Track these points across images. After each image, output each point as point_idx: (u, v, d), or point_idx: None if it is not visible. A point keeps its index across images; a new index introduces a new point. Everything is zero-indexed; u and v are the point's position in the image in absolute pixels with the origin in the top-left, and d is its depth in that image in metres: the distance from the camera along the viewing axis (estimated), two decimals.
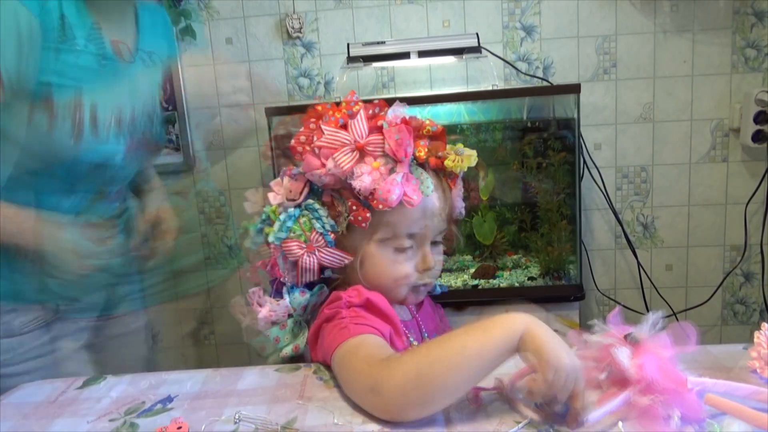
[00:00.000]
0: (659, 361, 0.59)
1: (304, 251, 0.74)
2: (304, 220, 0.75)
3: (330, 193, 0.76)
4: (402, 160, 0.71)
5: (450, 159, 0.76)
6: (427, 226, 0.75)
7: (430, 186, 0.73)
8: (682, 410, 0.57)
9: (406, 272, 0.76)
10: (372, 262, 0.76)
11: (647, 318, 0.62)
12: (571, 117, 1.57)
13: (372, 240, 0.75)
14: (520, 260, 1.69)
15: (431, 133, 0.76)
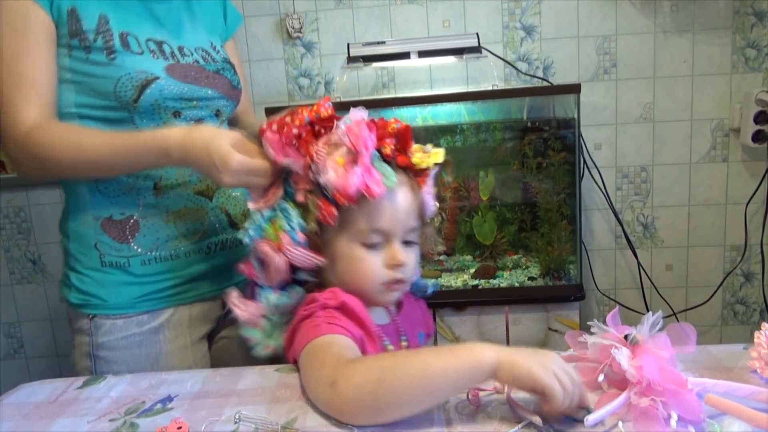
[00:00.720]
0: (658, 362, 0.59)
1: (273, 250, 0.75)
2: (275, 221, 0.76)
3: (302, 193, 0.76)
4: (361, 152, 0.71)
5: (417, 156, 0.77)
6: (395, 221, 0.75)
7: (393, 179, 0.73)
8: (681, 411, 0.57)
9: (374, 268, 0.76)
10: (341, 260, 0.77)
11: (646, 318, 0.62)
12: (571, 117, 1.57)
13: (340, 237, 0.76)
14: (520, 260, 1.69)
15: (396, 130, 0.76)
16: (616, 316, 0.65)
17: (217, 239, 0.99)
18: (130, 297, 0.93)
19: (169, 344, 0.95)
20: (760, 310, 1.79)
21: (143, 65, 0.89)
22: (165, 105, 0.91)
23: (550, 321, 1.53)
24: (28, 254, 1.90)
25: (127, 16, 0.90)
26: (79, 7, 0.86)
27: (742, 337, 1.71)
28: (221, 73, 1.01)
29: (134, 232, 0.93)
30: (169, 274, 0.95)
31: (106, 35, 0.87)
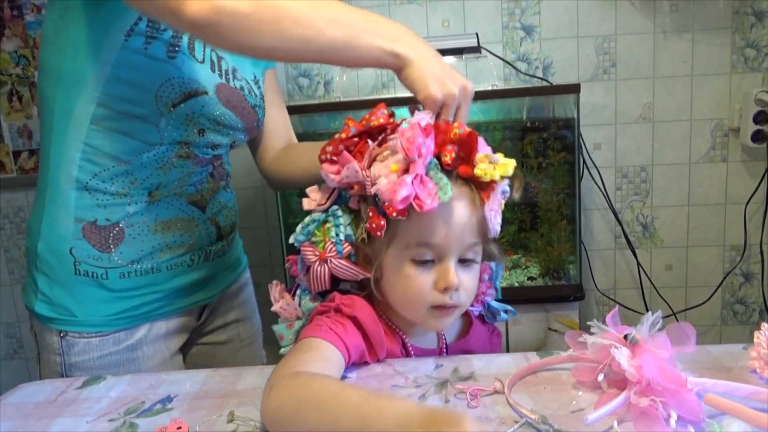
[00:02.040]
0: (658, 362, 0.59)
1: (317, 259, 0.71)
2: (327, 227, 0.71)
3: (356, 199, 0.71)
4: (414, 159, 0.65)
5: (480, 167, 0.68)
6: (449, 237, 0.67)
7: (448, 192, 0.65)
8: (681, 411, 0.56)
9: (423, 287, 0.68)
10: (389, 274, 0.71)
11: (646, 318, 0.61)
12: (570, 117, 1.57)
13: (390, 251, 0.70)
14: (520, 260, 1.69)
15: (458, 136, 0.67)
16: (615, 316, 0.65)
17: (201, 252, 0.94)
18: (105, 314, 0.87)
19: (148, 361, 0.90)
20: (759, 310, 1.80)
21: (199, 75, 0.84)
22: (197, 120, 0.85)
23: (549, 321, 1.53)
24: None
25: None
26: None
27: (742, 337, 1.71)
28: (256, 110, 0.97)
29: (117, 241, 0.86)
30: (148, 288, 0.89)
31: (178, 32, 0.81)
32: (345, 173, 0.68)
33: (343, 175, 0.68)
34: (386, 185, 0.65)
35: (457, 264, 0.69)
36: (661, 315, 0.62)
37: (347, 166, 0.68)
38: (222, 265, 1.01)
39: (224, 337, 1.06)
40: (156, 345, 0.92)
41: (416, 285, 0.68)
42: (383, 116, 0.70)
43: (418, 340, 0.76)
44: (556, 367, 0.70)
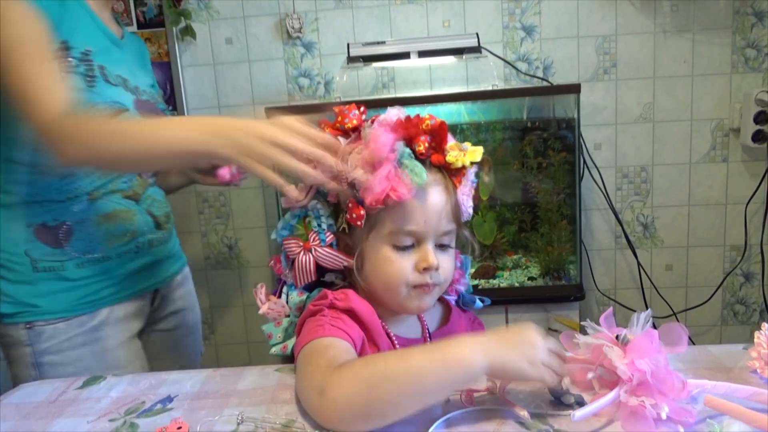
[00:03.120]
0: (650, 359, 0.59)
1: (301, 249, 0.74)
2: (308, 220, 0.75)
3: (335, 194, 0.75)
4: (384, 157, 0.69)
5: (452, 154, 0.73)
6: (426, 222, 0.72)
7: (423, 175, 0.69)
8: (672, 411, 0.57)
9: (403, 270, 0.72)
10: (370, 261, 0.74)
11: (637, 317, 0.62)
12: (571, 117, 1.57)
13: (370, 239, 0.73)
14: (520, 260, 1.69)
15: (430, 127, 0.73)
16: (609, 317, 0.66)
17: (145, 239, 1.03)
18: (67, 302, 0.95)
19: (112, 339, 0.98)
20: (759, 310, 1.79)
21: (118, 97, 0.95)
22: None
23: (550, 321, 1.53)
24: None
25: (102, 52, 0.95)
26: (71, 39, 0.90)
27: (742, 337, 1.71)
28: (166, 114, 1.09)
29: (68, 237, 0.95)
30: (103, 275, 0.97)
31: (89, 65, 0.91)
32: (323, 169, 0.71)
33: (321, 170, 0.71)
34: (363, 175, 0.69)
35: (435, 248, 0.74)
36: (651, 313, 0.63)
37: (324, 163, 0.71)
38: (165, 252, 1.10)
39: (173, 324, 1.15)
40: (117, 326, 1.00)
41: (397, 267, 0.72)
42: (356, 117, 0.75)
43: (401, 330, 0.78)
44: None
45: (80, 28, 0.92)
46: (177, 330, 1.16)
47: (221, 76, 1.77)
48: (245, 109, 1.78)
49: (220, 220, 1.82)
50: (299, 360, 0.68)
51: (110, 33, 0.99)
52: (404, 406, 0.59)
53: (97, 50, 0.94)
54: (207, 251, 1.88)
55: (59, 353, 0.94)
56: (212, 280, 1.89)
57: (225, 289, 1.91)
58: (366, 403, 0.58)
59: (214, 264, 1.89)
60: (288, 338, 0.77)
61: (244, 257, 1.86)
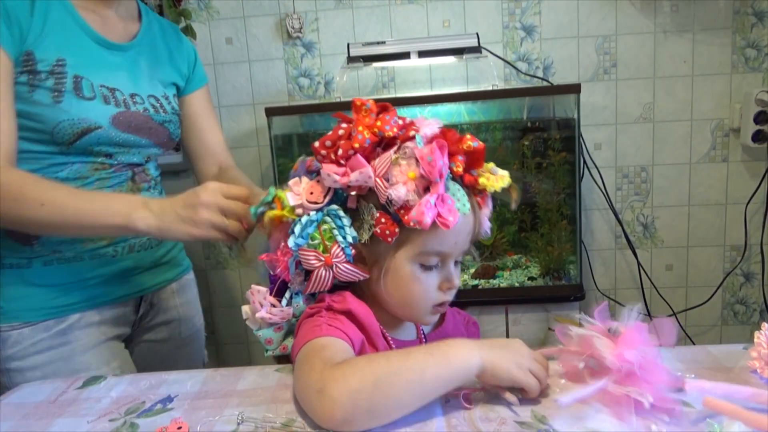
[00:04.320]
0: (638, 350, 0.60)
1: (322, 264, 0.70)
2: (325, 228, 0.70)
3: (356, 199, 0.71)
4: (437, 181, 0.66)
5: (484, 177, 0.73)
6: (456, 245, 0.71)
7: (466, 204, 0.70)
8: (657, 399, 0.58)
9: (429, 290, 0.72)
10: (395, 276, 0.71)
11: (627, 311, 0.64)
12: (571, 117, 1.57)
13: (397, 254, 0.70)
14: (520, 260, 1.69)
15: (471, 149, 0.70)
16: (603, 310, 0.66)
17: (125, 243, 0.98)
18: (32, 307, 0.92)
19: (81, 342, 0.95)
20: (760, 310, 1.79)
21: (89, 113, 0.90)
22: (98, 150, 0.93)
23: (550, 321, 1.53)
24: None
25: (85, 60, 0.91)
26: (37, 50, 0.86)
27: (742, 337, 1.71)
28: (165, 125, 1.02)
29: (38, 235, 0.91)
30: (73, 278, 0.94)
31: (60, 77, 0.88)
32: (356, 177, 0.67)
33: (353, 178, 0.67)
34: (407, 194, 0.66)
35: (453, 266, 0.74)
36: (640, 308, 0.64)
37: (361, 171, 0.67)
38: (151, 258, 1.04)
39: (165, 335, 1.10)
40: (88, 330, 0.96)
41: (424, 287, 0.72)
42: (396, 125, 0.69)
43: (397, 333, 0.78)
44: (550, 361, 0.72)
45: (56, 35, 0.88)
46: (168, 342, 1.11)
47: (221, 76, 1.77)
48: (245, 109, 1.78)
49: None
50: (297, 361, 0.67)
51: (101, 38, 0.94)
52: (407, 401, 0.60)
53: (75, 59, 0.89)
54: (207, 251, 1.89)
55: (24, 359, 0.92)
56: (212, 280, 1.89)
57: (225, 289, 1.91)
58: (370, 398, 0.58)
59: (214, 264, 1.89)
60: (286, 338, 0.77)
61: None
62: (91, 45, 0.93)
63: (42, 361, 0.93)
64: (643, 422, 0.57)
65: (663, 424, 0.57)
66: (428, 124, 0.70)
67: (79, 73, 0.90)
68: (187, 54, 1.12)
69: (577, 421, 0.58)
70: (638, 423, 0.57)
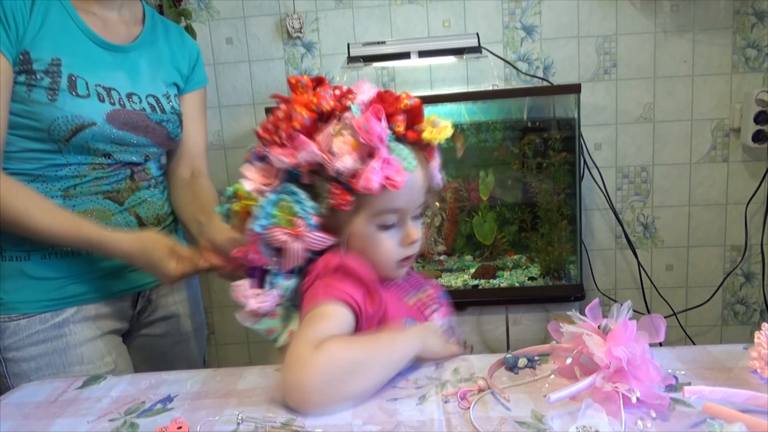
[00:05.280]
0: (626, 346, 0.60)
1: (291, 237, 0.72)
2: (283, 205, 0.72)
3: (309, 175, 0.73)
4: (377, 146, 0.69)
5: (427, 131, 0.75)
6: (409, 200, 0.75)
7: (413, 162, 0.73)
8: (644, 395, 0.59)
9: (392, 248, 0.76)
10: (357, 241, 0.75)
11: (617, 308, 0.64)
12: (571, 117, 1.57)
13: (355, 219, 0.74)
14: (521, 260, 1.69)
15: (409, 107, 0.72)
16: (595, 307, 0.67)
17: None
18: (30, 299, 0.95)
19: (76, 336, 0.97)
20: (760, 310, 1.79)
21: (83, 110, 0.92)
22: (95, 147, 0.95)
23: (550, 321, 1.53)
24: None
25: (81, 60, 0.93)
26: (33, 50, 0.89)
27: (742, 337, 1.71)
28: (163, 125, 1.03)
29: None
30: (70, 272, 0.96)
31: (55, 76, 0.90)
32: (303, 156, 0.70)
33: (300, 158, 0.71)
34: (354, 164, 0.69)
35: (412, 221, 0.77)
36: (630, 305, 0.64)
37: (306, 149, 0.70)
38: None
39: (163, 330, 1.12)
40: (84, 324, 0.98)
41: (386, 247, 0.76)
42: (333, 98, 0.72)
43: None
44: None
45: (53, 35, 0.91)
46: (167, 337, 1.12)
47: (221, 75, 1.77)
48: (245, 109, 1.78)
49: None
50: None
51: (100, 39, 0.96)
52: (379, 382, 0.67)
53: (71, 59, 0.92)
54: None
55: (21, 349, 0.95)
56: (212, 280, 1.89)
57: (225, 289, 1.90)
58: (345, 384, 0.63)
59: None
60: (288, 323, 0.77)
61: None
62: (88, 46, 0.95)
63: (37, 352, 0.95)
64: (631, 417, 0.58)
65: (650, 419, 0.58)
66: (363, 91, 0.74)
67: (75, 72, 0.92)
68: (189, 54, 1.13)
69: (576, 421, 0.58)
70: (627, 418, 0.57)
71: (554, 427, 0.58)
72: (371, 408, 0.64)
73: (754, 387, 0.62)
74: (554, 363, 0.70)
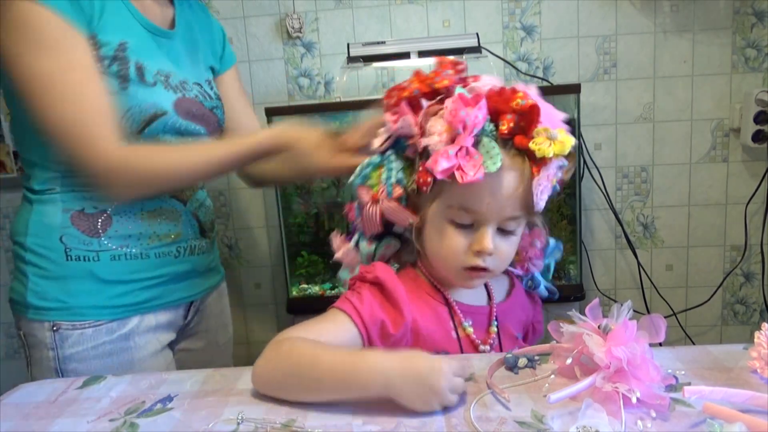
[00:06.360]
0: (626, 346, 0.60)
1: (369, 199, 0.74)
2: (382, 171, 0.74)
3: (413, 149, 0.73)
4: (458, 132, 0.66)
5: (536, 141, 0.67)
6: (490, 206, 0.68)
7: (497, 162, 0.65)
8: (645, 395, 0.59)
9: (457, 248, 0.71)
10: (430, 227, 0.74)
11: (617, 308, 0.64)
12: (571, 117, 1.57)
13: (434, 206, 0.72)
14: None
15: (520, 107, 0.67)
16: (595, 307, 0.67)
17: (187, 244, 0.97)
18: (98, 304, 0.89)
19: (141, 351, 0.92)
20: (760, 310, 1.79)
21: (154, 98, 0.88)
22: (164, 139, 0.91)
23: (549, 321, 1.53)
24: None
25: (142, 45, 0.89)
26: (100, 33, 0.84)
27: (742, 337, 1.71)
28: (215, 112, 1.01)
29: (106, 227, 0.89)
30: (137, 275, 0.92)
31: (123, 63, 0.85)
32: (401, 124, 0.72)
33: (398, 125, 0.72)
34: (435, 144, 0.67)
35: (496, 232, 0.72)
36: (630, 305, 0.64)
37: (403, 117, 0.71)
38: (205, 263, 1.04)
39: (203, 343, 1.09)
40: (147, 336, 0.94)
41: (452, 245, 0.72)
42: (448, 77, 0.72)
43: (464, 297, 0.78)
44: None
45: (113, 19, 0.86)
46: (206, 350, 1.09)
47: None
48: None
49: (220, 220, 1.82)
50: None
51: (149, 23, 0.92)
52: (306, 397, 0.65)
53: (134, 43, 0.87)
54: None
55: (84, 362, 0.88)
56: None
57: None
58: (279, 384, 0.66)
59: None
60: None
61: (244, 257, 1.86)
62: (141, 30, 0.91)
63: (102, 366, 0.89)
64: (631, 417, 0.58)
65: (650, 419, 0.58)
66: (485, 81, 0.71)
67: (139, 58, 0.87)
68: (218, 33, 1.10)
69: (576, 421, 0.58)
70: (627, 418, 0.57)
71: (554, 427, 0.58)
72: (371, 408, 0.64)
73: (754, 387, 0.62)
74: (554, 363, 0.70)
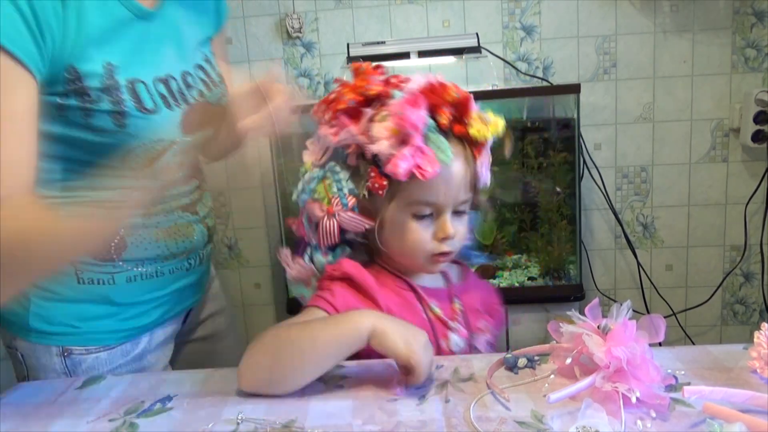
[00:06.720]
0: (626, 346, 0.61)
1: (324, 214, 0.74)
2: (327, 183, 0.75)
3: (354, 156, 0.75)
4: (410, 133, 0.69)
5: (474, 127, 0.72)
6: (447, 194, 0.73)
7: (449, 154, 0.70)
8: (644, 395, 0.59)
9: (423, 239, 0.74)
10: (390, 228, 0.76)
11: (616, 308, 0.64)
12: (571, 117, 1.57)
13: (390, 206, 0.75)
14: (520, 260, 1.69)
15: (455, 99, 0.71)
16: (594, 307, 0.67)
17: (198, 255, 0.93)
18: (110, 328, 0.84)
19: (153, 368, 0.90)
20: (759, 310, 1.79)
21: (158, 129, 0.76)
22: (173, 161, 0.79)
23: (549, 321, 1.53)
24: None
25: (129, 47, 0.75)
26: (79, 61, 0.69)
27: (742, 337, 1.70)
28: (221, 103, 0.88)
29: (120, 250, 0.82)
30: (151, 294, 0.86)
31: (113, 92, 0.72)
32: (343, 136, 0.73)
33: (341, 137, 0.73)
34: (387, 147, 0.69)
35: (451, 215, 0.76)
36: (630, 305, 0.64)
37: (345, 129, 0.72)
38: (207, 268, 1.02)
39: (205, 333, 1.03)
40: (157, 353, 0.91)
41: (417, 237, 0.75)
42: (379, 84, 0.73)
43: (425, 282, 0.81)
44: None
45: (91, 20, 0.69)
46: (212, 337, 1.05)
47: None
48: None
49: (220, 219, 1.82)
50: None
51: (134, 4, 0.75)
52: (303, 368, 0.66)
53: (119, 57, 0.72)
54: None
55: None
56: None
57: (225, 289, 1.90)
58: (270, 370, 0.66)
59: (214, 264, 1.89)
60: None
61: (244, 257, 1.86)
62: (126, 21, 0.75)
63: None
64: (631, 417, 0.58)
65: (650, 419, 0.58)
66: (415, 80, 0.73)
67: (130, 74, 0.74)
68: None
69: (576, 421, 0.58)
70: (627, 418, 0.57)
71: (554, 427, 0.58)
72: (371, 408, 0.64)
73: (754, 387, 0.62)
74: (554, 363, 0.70)
